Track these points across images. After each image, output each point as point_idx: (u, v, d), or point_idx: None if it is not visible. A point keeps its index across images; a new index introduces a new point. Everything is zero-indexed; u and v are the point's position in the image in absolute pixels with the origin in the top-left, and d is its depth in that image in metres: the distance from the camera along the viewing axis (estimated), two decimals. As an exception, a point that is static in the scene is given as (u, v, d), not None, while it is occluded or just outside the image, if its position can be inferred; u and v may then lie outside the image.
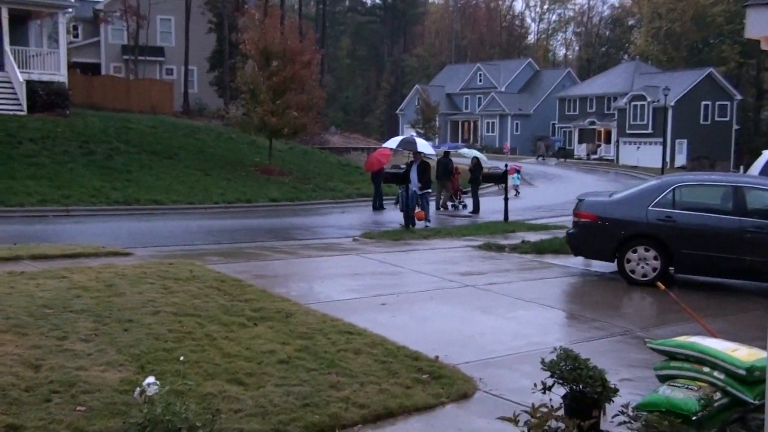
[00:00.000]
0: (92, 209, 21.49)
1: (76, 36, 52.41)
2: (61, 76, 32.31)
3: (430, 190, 20.59)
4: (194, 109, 46.80)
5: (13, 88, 30.87)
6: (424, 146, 21.44)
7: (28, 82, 30.53)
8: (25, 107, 30.12)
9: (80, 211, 21.18)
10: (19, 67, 30.93)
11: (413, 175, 20.15)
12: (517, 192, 34.48)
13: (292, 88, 30.70)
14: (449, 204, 27.04)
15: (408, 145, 21.79)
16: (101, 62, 51.07)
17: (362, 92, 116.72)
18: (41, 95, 30.70)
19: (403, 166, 20.19)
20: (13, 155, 24.92)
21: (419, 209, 19.99)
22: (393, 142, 22.60)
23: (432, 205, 24.43)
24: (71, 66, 38.21)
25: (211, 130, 36.28)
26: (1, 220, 19.06)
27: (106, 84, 42.16)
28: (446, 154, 27.84)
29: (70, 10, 35.13)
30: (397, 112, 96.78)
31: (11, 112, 29.40)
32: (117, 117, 34.04)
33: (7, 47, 31.29)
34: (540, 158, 69.29)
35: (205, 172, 28.11)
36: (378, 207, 25.54)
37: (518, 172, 36.25)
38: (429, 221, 20.47)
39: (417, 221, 19.64)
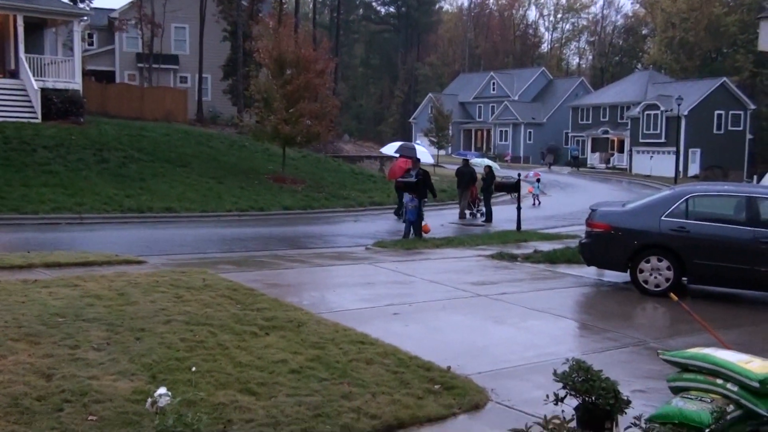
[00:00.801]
0: (105, 217, 21.58)
1: (91, 44, 52.77)
2: (76, 83, 32.51)
3: (426, 200, 19.53)
4: (208, 117, 46.94)
5: (27, 95, 31.10)
6: (422, 154, 21.03)
7: (43, 90, 30.72)
8: (39, 115, 30.32)
9: (93, 218, 21.26)
10: (34, 75, 31.15)
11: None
12: (536, 201, 34.19)
13: (305, 96, 30.74)
14: (467, 212, 26.98)
15: (407, 151, 21.41)
16: (116, 70, 51.37)
17: (376, 100, 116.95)
18: (56, 103, 30.89)
19: (412, 173, 19.79)
20: (27, 163, 25.08)
21: (424, 222, 19.45)
22: (391, 148, 22.28)
23: (439, 215, 24.20)
24: (86, 74, 38.46)
25: (224, 138, 36.40)
26: (14, 228, 19.17)
27: (120, 92, 42.34)
28: (466, 162, 27.69)
29: (86, 18, 35.40)
30: (411, 120, 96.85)
31: (26, 120, 29.60)
32: (131, 125, 34.24)
33: (22, 55, 31.55)
34: (548, 166, 69.17)
35: (218, 180, 28.18)
36: (399, 215, 25.36)
37: (539, 180, 35.81)
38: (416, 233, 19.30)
39: (424, 234, 19.03)
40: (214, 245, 17.25)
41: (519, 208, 22.19)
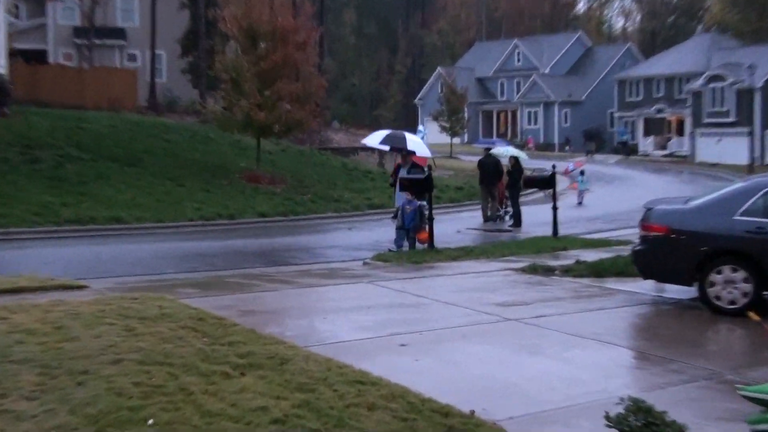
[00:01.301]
0: (37, 231, 21.54)
1: (17, 17, 52.80)
2: (0, 66, 32.48)
3: (424, 203, 19.22)
4: (163, 103, 46.99)
5: (-61, 82, 31.09)
6: (416, 144, 20.72)
7: (-41, 75, 30.74)
8: (-46, 106, 30.32)
9: (22, 233, 21.23)
10: (-53, 57, 31.19)
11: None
12: (581, 199, 34.01)
13: (284, 75, 30.76)
14: (498, 213, 26.90)
15: (395, 142, 21.04)
16: (48, 49, 51.38)
17: (371, 78, 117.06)
18: (-25, 91, 30.89)
19: (425, 169, 19.56)
20: (-61, 166, 25.08)
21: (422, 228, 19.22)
22: (375, 138, 21.78)
23: (455, 218, 24.10)
24: (12, 54, 38.44)
25: (184, 129, 36.41)
26: (-75, 247, 19.14)
27: (54, 75, 42.44)
28: (488, 153, 27.56)
29: (9, -15, 35.44)
30: (416, 101, 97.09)
31: (-63, 113, 29.61)
32: (68, 115, 34.24)
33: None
34: (589, 154, 69.29)
35: (177, 181, 28.17)
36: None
37: (583, 172, 35.51)
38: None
39: (418, 243, 18.77)
40: (173, 264, 17.20)
41: (555, 208, 22.10)
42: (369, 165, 41.19)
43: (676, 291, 13.08)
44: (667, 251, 12.27)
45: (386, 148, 23.35)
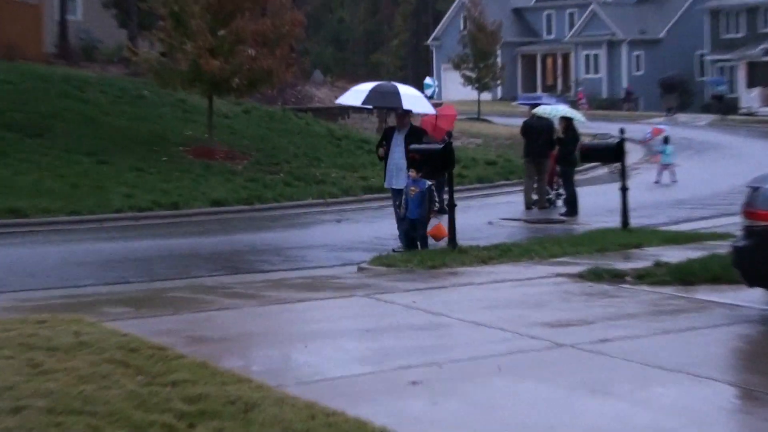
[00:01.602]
0: None
1: None
2: None
3: (431, 183, 19.06)
4: (79, 48, 46.98)
5: None
6: (413, 100, 20.43)
7: None
8: None
9: None
10: None
11: (398, 152, 19.34)
12: (662, 177, 33.82)
13: (245, 8, 30.73)
14: (550, 195, 26.88)
15: (383, 99, 20.71)
16: None
17: (366, 12, 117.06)
18: None
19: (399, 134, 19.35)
20: None
21: (435, 220, 19.09)
22: (355, 96, 21.40)
23: (485, 204, 24.02)
24: None
25: (108, 85, 36.42)
26: None
27: (-76, 11, 42.45)
28: (533, 112, 27.31)
29: None
30: (429, 43, 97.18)
31: None
32: (-55, 67, 34.29)
33: None
34: (670, 112, 69.25)
35: (98, 157, 28.18)
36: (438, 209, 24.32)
37: (667, 140, 35.18)
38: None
39: (433, 241, 18.79)
40: (93, 272, 17.26)
41: (625, 190, 22.07)
42: (365, 132, 41.16)
43: (794, 304, 13.10)
44: (783, 248, 12.25)
45: (368, 106, 23.25)
